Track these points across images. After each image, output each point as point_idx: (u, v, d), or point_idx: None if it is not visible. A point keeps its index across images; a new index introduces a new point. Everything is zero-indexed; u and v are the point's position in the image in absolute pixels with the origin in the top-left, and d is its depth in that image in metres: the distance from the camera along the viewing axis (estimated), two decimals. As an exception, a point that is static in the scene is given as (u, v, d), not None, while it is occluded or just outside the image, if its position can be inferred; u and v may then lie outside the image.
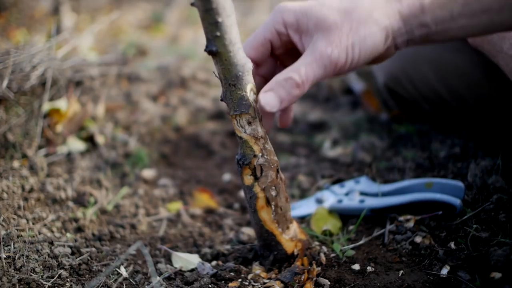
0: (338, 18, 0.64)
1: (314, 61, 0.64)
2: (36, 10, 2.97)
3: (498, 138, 1.00)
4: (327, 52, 0.64)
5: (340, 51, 0.64)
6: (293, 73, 0.64)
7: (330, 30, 0.64)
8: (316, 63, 0.64)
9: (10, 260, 0.75)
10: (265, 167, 0.69)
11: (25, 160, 1.07)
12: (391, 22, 0.64)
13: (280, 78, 0.65)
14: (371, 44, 0.65)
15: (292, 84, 0.64)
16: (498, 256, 0.66)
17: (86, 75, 1.44)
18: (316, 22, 0.65)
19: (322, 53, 0.64)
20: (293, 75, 0.64)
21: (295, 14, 0.67)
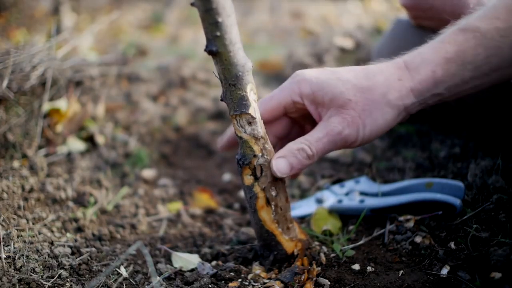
0: (352, 96, 0.67)
1: (326, 136, 0.68)
2: (36, 10, 2.97)
3: (498, 138, 1.00)
4: (338, 129, 0.67)
5: (351, 130, 0.67)
6: (305, 145, 0.68)
7: (344, 107, 0.67)
8: (327, 138, 0.68)
9: (10, 260, 0.75)
10: (265, 167, 0.69)
11: (25, 160, 1.07)
12: (404, 101, 0.68)
13: (293, 147, 0.69)
14: (382, 124, 0.68)
15: (303, 155, 0.68)
16: (498, 256, 0.66)
17: (86, 75, 1.44)
18: (331, 97, 0.68)
19: (334, 130, 0.68)
20: (305, 148, 0.68)
21: (311, 86, 0.69)
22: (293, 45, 2.27)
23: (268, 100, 0.74)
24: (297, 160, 0.68)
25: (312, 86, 0.69)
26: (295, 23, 2.99)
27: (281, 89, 0.73)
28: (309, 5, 3.44)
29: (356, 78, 0.68)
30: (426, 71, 0.67)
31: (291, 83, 0.72)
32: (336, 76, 0.69)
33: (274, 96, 0.73)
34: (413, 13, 1.02)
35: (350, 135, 0.67)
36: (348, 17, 2.95)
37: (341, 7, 3.28)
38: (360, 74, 0.69)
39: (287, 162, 0.68)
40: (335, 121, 0.68)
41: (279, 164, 0.68)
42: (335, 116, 0.68)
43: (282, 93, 0.73)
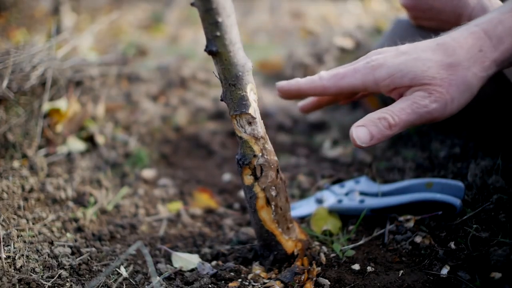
0: (436, 74, 0.65)
1: (410, 107, 0.66)
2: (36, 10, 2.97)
3: (498, 138, 1.00)
4: (424, 103, 0.65)
5: (438, 105, 0.65)
6: (388, 114, 0.66)
7: (429, 84, 0.65)
8: (412, 109, 0.66)
9: (10, 260, 0.75)
10: (265, 167, 0.69)
11: (25, 160, 1.07)
12: (488, 72, 0.66)
13: (374, 116, 0.67)
14: (469, 97, 0.67)
15: (385, 124, 0.67)
16: (498, 256, 0.66)
17: (86, 75, 1.44)
18: (412, 77, 0.66)
19: (419, 103, 0.66)
20: (388, 117, 0.66)
21: (388, 72, 0.67)
22: (293, 45, 2.27)
23: (339, 78, 0.72)
24: (377, 129, 0.66)
25: (389, 71, 0.67)
26: (295, 23, 2.99)
27: (354, 71, 0.70)
28: (309, 5, 3.44)
29: (436, 56, 0.66)
30: (510, 40, 0.65)
31: (364, 68, 0.69)
32: (413, 57, 0.67)
33: (346, 76, 0.71)
34: (413, 14, 1.02)
35: (437, 110, 0.65)
36: (348, 17, 2.95)
37: (341, 7, 3.29)
38: (439, 52, 0.66)
39: (367, 131, 0.67)
40: (420, 95, 0.66)
41: (359, 132, 0.67)
42: (420, 91, 0.66)
43: (354, 76, 0.70)
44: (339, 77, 0.72)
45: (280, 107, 1.57)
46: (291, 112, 1.54)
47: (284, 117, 1.50)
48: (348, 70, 0.71)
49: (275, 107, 1.56)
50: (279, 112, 1.53)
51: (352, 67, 0.71)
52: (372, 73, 0.69)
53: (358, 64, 0.71)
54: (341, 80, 0.72)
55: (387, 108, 0.67)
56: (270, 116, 1.50)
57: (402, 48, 0.69)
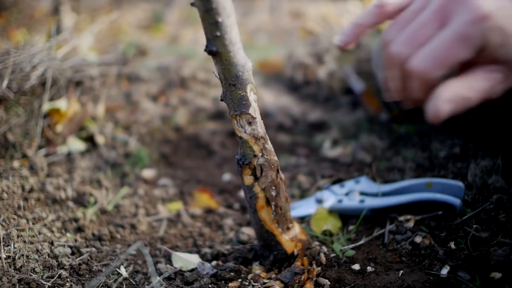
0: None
1: (487, 87, 0.57)
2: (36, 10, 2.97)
3: (498, 138, 1.00)
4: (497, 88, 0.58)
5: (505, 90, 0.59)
6: (474, 96, 0.57)
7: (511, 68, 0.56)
8: (487, 90, 0.57)
9: (10, 260, 0.75)
10: (265, 167, 0.69)
11: (25, 160, 1.07)
12: None
13: (461, 93, 0.56)
14: None
15: (466, 104, 0.57)
16: (498, 256, 0.66)
17: (86, 75, 1.44)
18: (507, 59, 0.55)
19: (494, 86, 0.57)
20: (472, 96, 0.56)
21: (502, 40, 0.53)
22: (293, 45, 2.27)
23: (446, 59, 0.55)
24: (460, 107, 0.56)
25: (503, 39, 0.53)
26: (295, 23, 2.99)
27: (463, 40, 0.53)
28: (309, 5, 3.44)
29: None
30: None
31: (476, 30, 0.52)
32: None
33: (453, 52, 0.54)
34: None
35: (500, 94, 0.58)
36: (348, 17, 2.95)
37: (341, 7, 3.29)
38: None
39: (452, 108, 0.56)
40: (498, 78, 0.56)
41: (445, 108, 0.56)
42: (500, 73, 0.56)
43: (465, 47, 0.53)
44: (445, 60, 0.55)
45: (280, 107, 1.57)
46: (291, 112, 1.54)
47: (284, 117, 1.50)
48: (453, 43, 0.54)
49: (275, 107, 1.56)
50: (279, 112, 1.53)
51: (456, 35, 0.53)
52: (486, 38, 0.53)
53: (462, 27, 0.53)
54: (448, 61, 0.55)
55: (470, 84, 0.56)
56: (270, 116, 1.50)
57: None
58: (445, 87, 0.56)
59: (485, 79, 0.57)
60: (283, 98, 1.69)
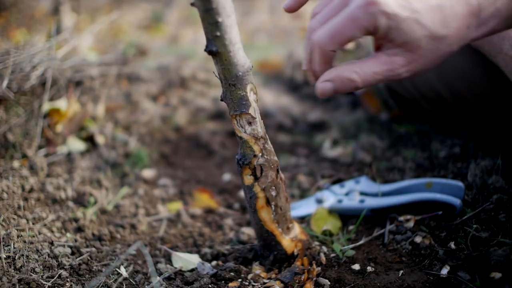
0: (424, 43, 0.63)
1: (384, 72, 0.64)
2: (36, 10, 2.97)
3: (498, 138, 1.00)
4: (400, 71, 0.64)
5: (411, 74, 0.65)
6: (359, 78, 0.64)
7: (412, 52, 0.63)
8: (384, 75, 0.64)
9: (10, 260, 0.75)
10: (265, 167, 0.69)
11: (25, 160, 1.07)
12: (460, 46, 0.65)
13: (344, 75, 0.64)
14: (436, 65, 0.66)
15: (352, 85, 0.65)
16: (498, 256, 0.66)
17: (86, 75, 1.44)
18: (405, 40, 0.63)
19: (394, 70, 0.64)
20: (358, 80, 0.64)
21: (389, 23, 0.61)
22: (293, 45, 2.27)
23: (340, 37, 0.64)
24: (343, 87, 0.65)
25: (390, 23, 0.61)
26: (295, 23, 2.99)
27: (353, 20, 0.62)
28: (309, 5, 3.44)
29: (434, 24, 0.63)
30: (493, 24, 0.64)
31: (365, 14, 0.61)
32: (415, 17, 0.62)
33: (346, 30, 0.63)
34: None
35: (407, 77, 0.65)
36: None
37: (341, 7, 3.28)
38: (438, 19, 0.63)
39: (332, 87, 0.65)
40: (399, 62, 0.64)
41: (325, 87, 0.65)
42: (401, 57, 0.64)
43: (355, 26, 0.62)
44: (339, 37, 0.64)
45: (280, 107, 1.57)
46: (291, 112, 1.54)
47: (284, 117, 1.50)
48: (345, 22, 0.63)
49: (275, 107, 1.56)
50: (279, 112, 1.53)
51: (349, 16, 0.63)
52: (375, 21, 0.61)
53: (355, 9, 0.62)
54: (343, 38, 0.64)
55: (361, 68, 0.65)
56: (270, 116, 1.50)
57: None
58: (333, 68, 0.65)
59: (381, 62, 0.64)
60: (283, 98, 1.69)
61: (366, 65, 0.65)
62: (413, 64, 0.64)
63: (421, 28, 0.62)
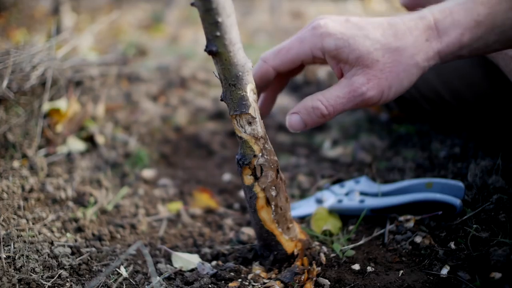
0: (381, 57, 0.64)
1: (347, 95, 0.65)
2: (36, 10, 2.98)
3: (498, 138, 1.00)
4: (362, 90, 0.65)
5: (376, 92, 0.65)
6: (322, 105, 0.66)
7: (370, 68, 0.64)
8: (348, 98, 0.65)
9: (10, 260, 0.75)
10: (265, 167, 0.69)
11: (25, 160, 1.07)
12: (430, 62, 0.66)
13: (308, 104, 0.67)
14: (407, 85, 0.66)
15: (318, 114, 0.67)
16: (498, 256, 0.66)
17: (86, 75, 1.44)
18: (358, 56, 0.64)
19: (357, 91, 0.65)
20: (322, 107, 0.66)
21: (336, 43, 0.64)
22: (293, 45, 2.26)
23: (285, 53, 0.69)
24: (310, 118, 0.67)
25: (337, 42, 0.64)
26: (295, 23, 2.99)
27: (301, 41, 0.67)
28: (309, 5, 3.44)
29: (385, 38, 0.64)
30: (455, 34, 0.64)
31: (312, 36, 0.66)
32: (363, 33, 0.64)
33: (292, 48, 0.68)
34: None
35: (374, 97, 0.65)
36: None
37: (341, 7, 3.29)
38: (389, 33, 0.65)
39: (300, 119, 0.67)
40: (359, 81, 0.64)
41: (292, 120, 0.68)
42: (359, 76, 0.64)
43: (301, 46, 0.67)
44: (284, 52, 0.69)
45: (280, 107, 1.58)
46: (291, 112, 1.54)
47: (284, 117, 1.50)
48: (293, 42, 0.68)
49: (275, 107, 1.56)
50: (279, 112, 1.53)
51: (298, 37, 0.68)
52: (321, 42, 0.65)
53: (304, 32, 0.67)
54: (288, 54, 0.68)
55: (323, 95, 0.66)
56: (270, 116, 1.50)
57: (354, 20, 0.66)
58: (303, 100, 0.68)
59: (343, 85, 0.66)
60: (283, 98, 1.69)
61: (329, 92, 0.66)
62: (375, 81, 0.64)
63: (371, 42, 0.64)
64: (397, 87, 0.66)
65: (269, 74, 0.72)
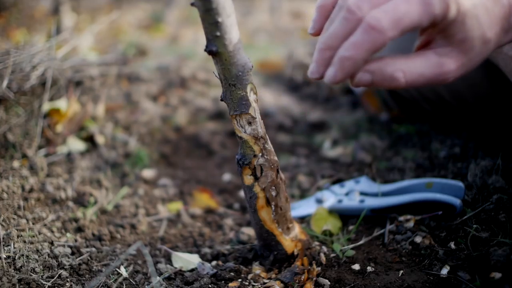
0: (478, 47, 0.58)
1: (431, 76, 0.57)
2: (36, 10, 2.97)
3: (498, 138, 1.00)
4: (448, 76, 0.58)
5: (455, 78, 0.59)
6: (402, 76, 0.57)
7: (465, 54, 0.58)
8: (431, 79, 0.58)
9: (10, 260, 0.75)
10: (265, 167, 0.69)
11: (25, 160, 1.07)
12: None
13: (387, 70, 0.57)
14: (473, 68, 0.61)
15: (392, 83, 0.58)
16: (498, 256, 0.66)
17: (86, 75, 1.44)
18: (463, 38, 0.57)
19: (443, 75, 0.57)
20: (401, 79, 0.57)
21: (456, 13, 0.55)
22: (293, 45, 2.27)
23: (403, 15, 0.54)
24: (382, 82, 0.57)
25: (459, 16, 0.55)
26: (295, 23, 2.99)
27: (423, 3, 0.54)
28: (309, 5, 3.44)
29: (486, 25, 0.58)
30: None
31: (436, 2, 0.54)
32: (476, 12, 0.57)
33: (412, 11, 0.54)
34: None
35: (450, 82, 0.59)
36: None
37: (341, 7, 3.27)
38: (488, 20, 0.58)
39: (371, 80, 0.57)
40: (451, 66, 0.57)
41: (363, 78, 0.57)
42: (453, 60, 0.58)
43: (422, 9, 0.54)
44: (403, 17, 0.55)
45: (280, 107, 1.57)
46: (291, 112, 1.54)
47: (284, 117, 1.50)
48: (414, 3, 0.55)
49: (275, 107, 1.56)
50: (279, 112, 1.53)
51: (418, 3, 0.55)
52: (444, 11, 0.55)
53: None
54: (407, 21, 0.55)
55: (408, 65, 0.57)
56: (270, 116, 1.50)
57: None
58: (375, 59, 0.57)
59: (431, 64, 0.58)
60: (283, 98, 1.69)
61: (414, 65, 0.58)
62: (462, 69, 0.58)
63: (478, 27, 0.57)
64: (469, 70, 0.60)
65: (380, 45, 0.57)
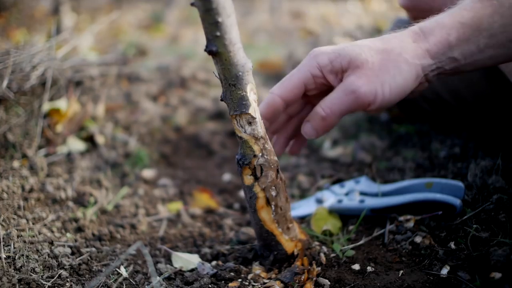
0: (369, 56, 0.68)
1: (342, 95, 0.69)
2: (36, 10, 2.98)
3: (498, 138, 1.00)
4: (353, 87, 0.67)
5: (368, 88, 0.67)
6: (320, 108, 0.70)
7: (361, 67, 0.68)
8: (343, 97, 0.68)
9: (10, 260, 0.75)
10: (265, 167, 0.69)
11: (25, 160, 1.07)
12: (421, 61, 0.68)
13: (314, 111, 0.71)
14: (402, 82, 0.68)
15: (319, 117, 0.70)
16: (498, 256, 0.66)
17: (86, 75, 1.44)
18: (349, 60, 0.68)
19: (348, 89, 0.68)
20: (320, 111, 0.70)
21: (328, 56, 0.70)
22: (293, 45, 2.27)
23: (288, 80, 0.74)
24: (316, 124, 0.71)
25: (329, 56, 0.70)
26: (295, 23, 3.00)
27: (299, 68, 0.73)
28: (309, 5, 3.44)
29: (372, 43, 0.70)
30: (441, 33, 0.67)
31: (308, 60, 0.73)
32: (351, 43, 0.70)
33: (294, 75, 0.73)
34: (413, 14, 1.02)
35: (367, 93, 0.67)
36: (348, 17, 2.96)
37: (341, 7, 3.29)
38: (376, 40, 0.70)
39: (310, 125, 0.72)
40: (351, 79, 0.68)
41: (305, 128, 0.73)
42: (351, 76, 0.68)
43: (301, 70, 0.73)
44: (287, 80, 0.74)
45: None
46: (291, 112, 1.54)
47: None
48: (294, 70, 0.74)
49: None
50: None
51: (297, 67, 0.74)
52: (315, 61, 0.71)
53: (302, 61, 0.74)
54: (290, 81, 0.73)
55: (323, 100, 0.70)
56: (270, 116, 1.50)
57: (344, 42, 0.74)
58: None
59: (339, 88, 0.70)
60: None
61: (327, 96, 0.70)
62: (365, 78, 0.67)
63: (359, 47, 0.69)
64: (391, 84, 0.67)
65: (276, 103, 0.74)
